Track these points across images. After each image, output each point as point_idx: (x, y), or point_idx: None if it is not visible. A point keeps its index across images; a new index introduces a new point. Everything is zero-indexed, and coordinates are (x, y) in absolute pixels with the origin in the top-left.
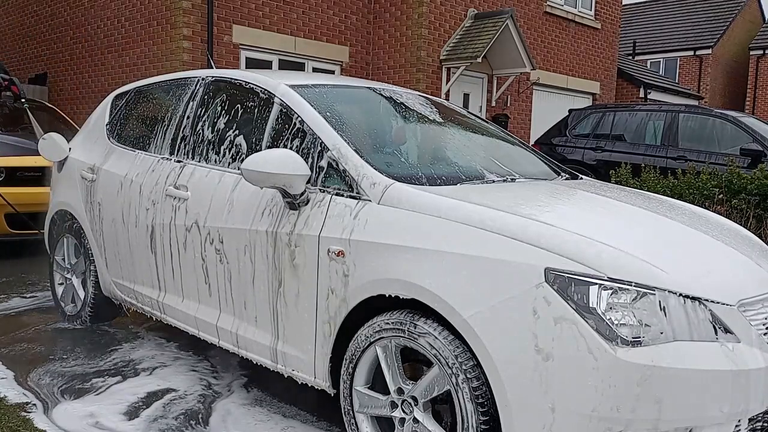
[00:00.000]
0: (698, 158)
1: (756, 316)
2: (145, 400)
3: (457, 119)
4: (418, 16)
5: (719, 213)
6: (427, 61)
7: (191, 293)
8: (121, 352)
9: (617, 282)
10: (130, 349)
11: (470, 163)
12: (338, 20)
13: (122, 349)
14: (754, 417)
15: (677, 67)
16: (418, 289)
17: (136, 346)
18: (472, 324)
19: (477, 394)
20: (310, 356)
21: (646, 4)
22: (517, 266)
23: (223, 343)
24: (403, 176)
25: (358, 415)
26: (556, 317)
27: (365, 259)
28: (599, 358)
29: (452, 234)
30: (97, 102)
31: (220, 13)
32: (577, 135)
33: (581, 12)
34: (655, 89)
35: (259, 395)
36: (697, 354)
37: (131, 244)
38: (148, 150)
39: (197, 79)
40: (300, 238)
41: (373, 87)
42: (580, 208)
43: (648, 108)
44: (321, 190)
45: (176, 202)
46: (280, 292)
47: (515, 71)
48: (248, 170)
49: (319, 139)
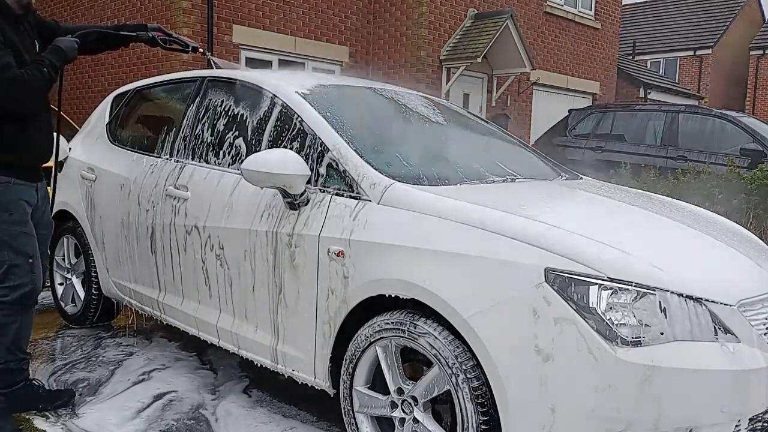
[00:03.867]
0: (698, 158)
1: (756, 316)
2: (145, 401)
3: (457, 119)
4: (418, 16)
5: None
6: (427, 61)
7: (191, 293)
8: (121, 353)
9: (617, 282)
10: (131, 349)
11: (470, 163)
12: (338, 20)
13: (123, 349)
14: (754, 417)
15: (677, 67)
16: (418, 289)
17: (137, 346)
18: (472, 324)
19: (477, 394)
20: (310, 356)
21: (646, 4)
22: (518, 266)
23: (224, 344)
24: (403, 176)
25: (358, 415)
26: (556, 317)
27: (365, 259)
28: (599, 358)
29: (452, 234)
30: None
31: (220, 13)
32: (577, 135)
33: (581, 12)
34: (655, 89)
35: (260, 395)
36: (697, 354)
37: (131, 244)
38: (148, 150)
39: (198, 79)
40: (300, 239)
41: (373, 87)
42: (580, 208)
43: (648, 108)
44: (321, 190)
45: (176, 202)
46: (280, 293)
47: (515, 71)
48: (248, 170)
49: (319, 140)
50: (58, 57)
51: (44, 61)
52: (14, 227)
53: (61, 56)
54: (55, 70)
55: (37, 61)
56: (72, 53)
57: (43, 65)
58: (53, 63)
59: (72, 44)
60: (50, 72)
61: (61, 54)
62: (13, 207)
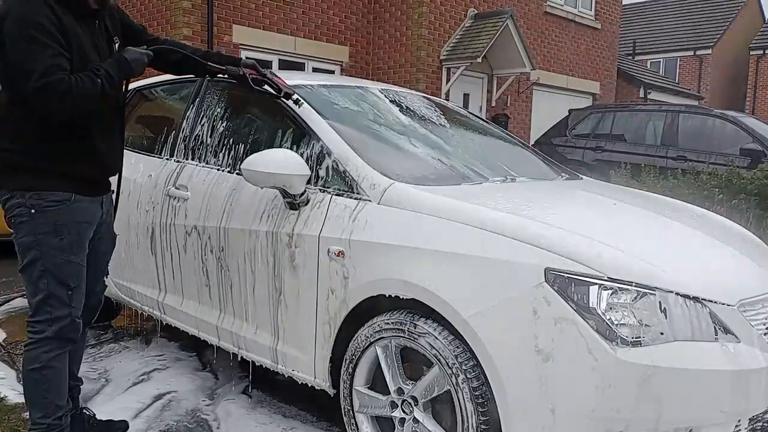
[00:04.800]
0: (698, 158)
1: (756, 316)
2: (145, 402)
3: (457, 119)
4: (418, 16)
5: (719, 213)
6: (427, 61)
7: (191, 293)
8: (121, 353)
9: (617, 282)
10: (131, 349)
11: (470, 163)
12: (338, 20)
13: (123, 349)
14: (754, 417)
15: (677, 67)
16: (418, 289)
17: (137, 346)
18: (472, 324)
19: (477, 394)
20: (310, 356)
21: (646, 4)
22: (518, 266)
23: (224, 344)
24: (403, 176)
25: (358, 415)
26: (556, 317)
27: (365, 260)
28: (599, 358)
29: (452, 234)
30: None
31: (220, 13)
32: (577, 135)
33: (581, 12)
34: (655, 89)
35: (260, 396)
36: (697, 354)
37: (131, 244)
38: (148, 150)
39: (198, 80)
40: (300, 239)
41: (373, 87)
42: (580, 208)
43: (648, 108)
44: (321, 190)
45: (176, 202)
46: (280, 293)
47: (515, 71)
48: (248, 170)
49: (320, 140)
50: (121, 70)
51: (100, 70)
52: (62, 255)
53: (125, 69)
54: (110, 82)
55: (93, 68)
56: (139, 68)
57: (98, 75)
58: (110, 74)
59: (142, 58)
60: (104, 83)
61: (124, 66)
62: (66, 231)
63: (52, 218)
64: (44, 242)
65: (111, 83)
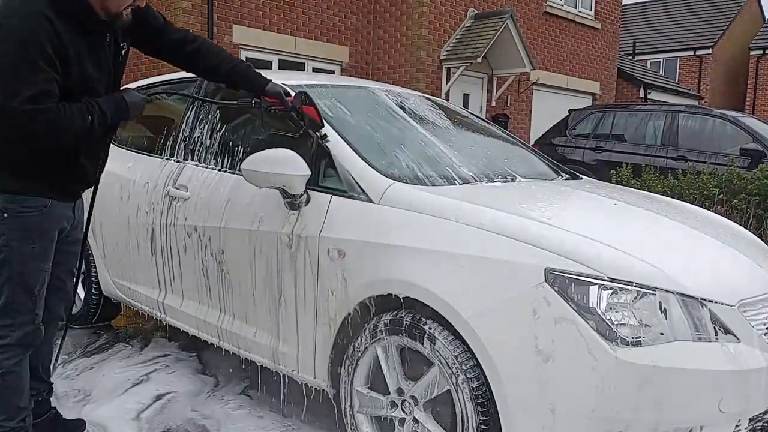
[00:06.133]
0: (698, 158)
1: (756, 316)
2: (145, 402)
3: (457, 120)
4: (418, 16)
5: (719, 213)
6: (427, 61)
7: (192, 294)
8: (121, 353)
9: (617, 282)
10: (131, 349)
11: (470, 163)
12: (338, 20)
13: (123, 349)
14: (754, 417)
15: (677, 67)
16: (418, 289)
17: (137, 346)
18: (472, 324)
19: (477, 394)
20: (310, 357)
21: (646, 4)
22: (517, 266)
23: (224, 344)
24: (403, 176)
25: (358, 415)
26: (556, 317)
27: (365, 260)
28: (599, 358)
29: (452, 234)
30: None
31: (220, 13)
32: (577, 135)
33: (581, 12)
34: (655, 89)
35: (260, 396)
36: (698, 354)
37: (131, 244)
38: (148, 150)
39: (198, 79)
40: (300, 239)
41: (373, 87)
42: (580, 208)
43: (648, 108)
44: (321, 190)
45: (176, 202)
46: (280, 293)
47: (515, 71)
48: (248, 170)
49: (320, 140)
50: (118, 112)
51: (95, 106)
52: (32, 262)
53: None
54: (102, 122)
55: (88, 103)
56: (135, 113)
57: (90, 111)
58: (104, 114)
59: (141, 103)
60: (95, 122)
61: (122, 110)
62: (39, 239)
63: (25, 224)
64: (15, 248)
65: (103, 123)
